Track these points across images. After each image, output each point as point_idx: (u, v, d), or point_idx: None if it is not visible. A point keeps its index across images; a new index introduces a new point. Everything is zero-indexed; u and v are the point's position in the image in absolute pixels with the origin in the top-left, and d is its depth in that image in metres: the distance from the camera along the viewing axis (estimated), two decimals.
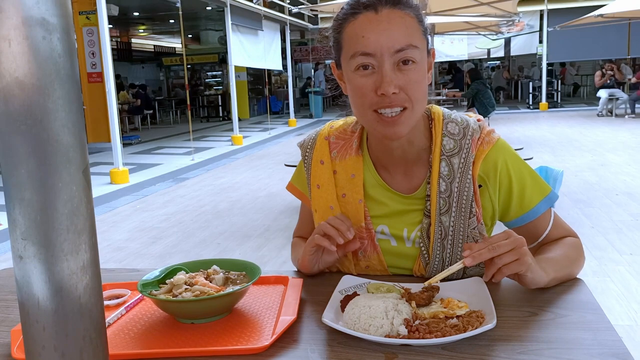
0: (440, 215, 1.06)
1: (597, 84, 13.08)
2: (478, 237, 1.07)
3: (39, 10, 0.45)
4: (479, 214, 1.07)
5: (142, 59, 22.74)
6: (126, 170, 7.07)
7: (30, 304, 0.47)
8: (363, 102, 0.99)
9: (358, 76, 0.98)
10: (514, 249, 0.89)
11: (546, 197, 1.09)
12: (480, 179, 1.07)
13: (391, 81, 0.95)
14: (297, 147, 1.24)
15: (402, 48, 0.95)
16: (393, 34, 0.95)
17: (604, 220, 4.36)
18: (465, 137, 1.07)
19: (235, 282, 0.98)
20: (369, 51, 0.96)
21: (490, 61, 21.01)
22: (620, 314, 2.73)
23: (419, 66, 0.97)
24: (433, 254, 1.07)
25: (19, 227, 0.46)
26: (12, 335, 0.87)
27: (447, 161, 1.07)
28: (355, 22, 0.98)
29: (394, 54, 0.95)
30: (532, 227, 1.10)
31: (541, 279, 0.94)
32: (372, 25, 0.96)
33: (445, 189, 1.06)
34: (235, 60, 10.79)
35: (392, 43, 0.95)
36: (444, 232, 1.07)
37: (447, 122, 1.09)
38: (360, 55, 0.97)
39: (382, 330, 0.81)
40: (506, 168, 1.08)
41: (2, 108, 0.45)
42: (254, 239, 4.39)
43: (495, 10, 8.00)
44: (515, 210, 1.09)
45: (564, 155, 7.62)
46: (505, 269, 0.89)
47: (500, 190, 1.08)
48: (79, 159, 0.47)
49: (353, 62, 0.98)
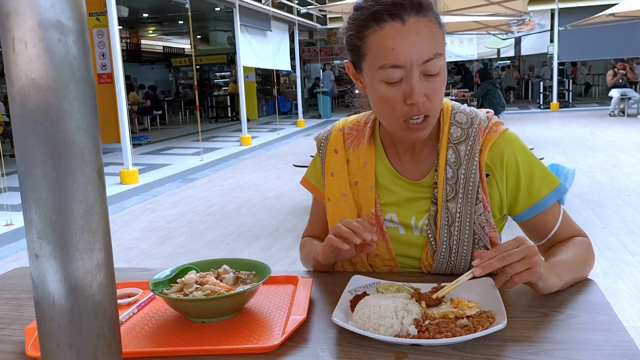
0: (447, 201, 1.08)
1: (609, 83, 12.94)
2: (485, 224, 1.07)
3: (54, 13, 0.45)
4: (486, 201, 1.07)
5: (152, 60, 22.89)
6: (136, 171, 7.12)
7: (46, 302, 0.48)
8: (393, 112, 1.02)
9: (385, 86, 1.00)
10: (525, 258, 0.87)
11: (555, 189, 1.09)
12: (487, 167, 1.09)
13: (420, 92, 0.98)
14: (313, 140, 1.28)
15: (430, 58, 0.97)
16: (421, 45, 0.97)
17: (616, 221, 4.32)
18: (473, 125, 1.10)
19: (246, 282, 0.99)
20: (399, 64, 0.97)
21: (500, 61, 20.88)
22: (631, 314, 2.70)
23: (442, 72, 1.00)
24: (440, 241, 1.08)
25: (35, 227, 0.47)
26: (26, 333, 0.88)
27: (454, 148, 1.09)
28: (381, 32, 0.98)
29: (421, 64, 0.97)
30: (541, 220, 1.10)
31: (555, 286, 0.94)
32: (400, 37, 0.97)
33: (452, 176, 1.08)
34: (244, 61, 10.82)
35: (421, 54, 0.97)
36: (450, 218, 1.08)
37: (456, 113, 1.13)
38: (391, 68, 0.98)
39: (392, 330, 0.81)
40: (514, 158, 1.09)
41: (18, 109, 0.46)
42: (262, 239, 4.40)
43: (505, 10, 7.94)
44: (523, 202, 1.10)
45: (576, 155, 7.55)
46: (516, 277, 0.88)
47: (508, 181, 1.09)
48: (93, 159, 0.48)
49: (381, 73, 0.99)
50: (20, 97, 0.46)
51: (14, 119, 0.47)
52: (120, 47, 6.85)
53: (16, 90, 0.46)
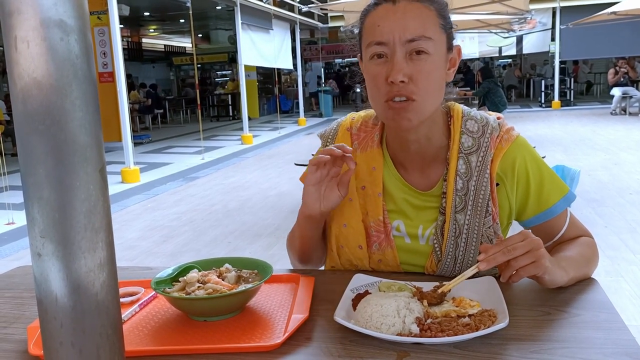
0: (456, 213, 1.06)
1: (610, 82, 12.92)
2: (493, 236, 1.06)
3: (56, 12, 0.45)
4: (495, 213, 1.06)
5: (153, 59, 22.87)
6: (137, 170, 7.12)
7: (49, 301, 0.48)
8: (377, 92, 1.01)
9: (373, 65, 1.01)
10: (530, 251, 0.87)
11: (564, 197, 1.08)
12: (498, 177, 1.07)
13: (400, 69, 0.96)
14: (317, 137, 1.26)
15: (414, 38, 0.97)
16: (407, 23, 0.97)
17: (618, 220, 4.31)
18: (484, 135, 1.08)
19: (248, 280, 0.99)
20: (383, 40, 0.98)
21: (501, 59, 20.84)
22: (633, 313, 2.70)
23: (432, 58, 0.98)
24: (446, 251, 1.07)
25: (37, 225, 0.47)
26: (28, 331, 0.88)
27: (464, 159, 1.07)
28: (374, 12, 1.02)
29: (405, 43, 0.97)
30: (549, 226, 1.09)
31: (561, 279, 0.93)
32: (387, 14, 0.99)
33: (462, 187, 1.06)
34: (245, 60, 10.82)
35: (404, 32, 0.97)
36: (458, 230, 1.06)
37: (467, 120, 1.10)
38: (375, 45, 0.99)
39: (394, 328, 0.81)
40: (524, 166, 1.08)
41: (20, 108, 0.46)
42: (264, 237, 4.40)
43: (507, 8, 7.93)
44: (532, 209, 1.08)
45: (577, 154, 7.54)
46: (522, 271, 0.87)
47: (518, 188, 1.08)
48: (95, 158, 0.48)
49: (369, 50, 1.01)
50: (22, 96, 0.46)
51: (17, 118, 0.47)
52: (121, 46, 6.85)
53: (18, 89, 0.46)
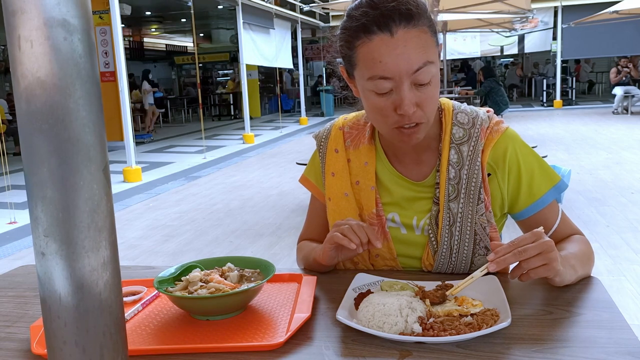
0: (449, 202, 1.08)
1: (612, 81, 12.89)
2: (486, 224, 1.08)
3: (60, 11, 0.45)
4: (487, 201, 1.08)
5: (154, 58, 22.87)
6: (139, 169, 7.13)
7: (52, 300, 0.48)
8: (385, 120, 1.01)
9: (375, 96, 0.99)
10: (542, 254, 0.86)
11: (555, 186, 1.10)
12: (489, 167, 1.09)
13: (410, 102, 0.96)
14: (312, 138, 1.27)
15: (419, 67, 0.95)
16: (410, 56, 0.95)
17: (619, 219, 4.31)
18: (475, 126, 1.10)
19: (250, 280, 0.99)
20: (388, 75, 0.96)
21: (503, 58, 20.82)
22: (635, 312, 2.70)
23: (434, 78, 0.98)
24: (441, 241, 1.08)
25: (41, 225, 0.47)
26: (31, 330, 0.88)
27: (456, 149, 1.09)
28: (370, 44, 0.96)
29: (411, 74, 0.96)
30: (542, 217, 1.10)
31: (570, 278, 0.94)
32: (388, 49, 0.95)
33: (454, 176, 1.08)
34: (246, 59, 10.82)
35: (410, 65, 0.95)
36: (452, 218, 1.08)
37: (457, 113, 1.12)
38: (379, 79, 0.97)
39: (397, 327, 0.81)
40: (515, 156, 1.09)
41: (24, 108, 0.46)
42: (266, 237, 4.40)
43: (508, 7, 7.92)
44: (524, 199, 1.10)
45: (579, 153, 7.53)
46: (532, 273, 0.87)
47: (509, 179, 1.10)
48: (99, 157, 0.48)
49: (371, 83, 0.98)
50: (26, 95, 0.46)
51: (20, 118, 0.47)
52: (123, 45, 6.85)
53: (22, 88, 0.46)
